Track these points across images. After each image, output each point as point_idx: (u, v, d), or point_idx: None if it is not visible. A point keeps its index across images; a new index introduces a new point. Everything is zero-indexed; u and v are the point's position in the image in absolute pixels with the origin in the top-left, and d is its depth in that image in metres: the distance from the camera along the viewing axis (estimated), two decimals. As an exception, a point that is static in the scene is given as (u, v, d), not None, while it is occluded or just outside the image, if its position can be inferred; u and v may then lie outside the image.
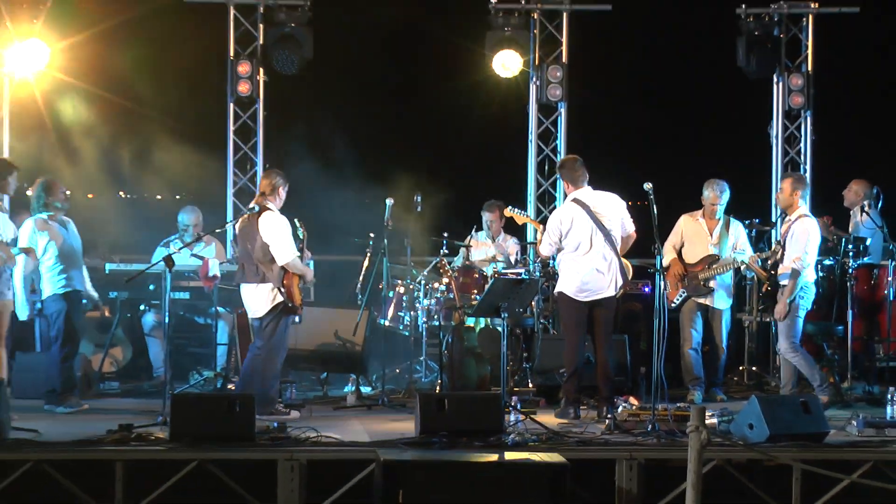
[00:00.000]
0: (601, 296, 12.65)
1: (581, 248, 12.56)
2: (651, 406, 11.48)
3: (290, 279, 12.31)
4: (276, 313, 12.33)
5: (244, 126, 17.12)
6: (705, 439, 8.70)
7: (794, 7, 17.22)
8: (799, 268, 12.65)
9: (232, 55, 16.97)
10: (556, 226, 12.62)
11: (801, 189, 13.02)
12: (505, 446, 10.62)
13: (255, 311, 12.42)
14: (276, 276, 12.23)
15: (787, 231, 12.87)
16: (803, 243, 12.68)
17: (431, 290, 14.17)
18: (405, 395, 13.67)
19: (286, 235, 12.35)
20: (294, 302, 12.35)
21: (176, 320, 14.23)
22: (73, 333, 12.80)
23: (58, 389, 12.62)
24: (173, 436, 10.53)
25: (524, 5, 17.15)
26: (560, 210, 12.85)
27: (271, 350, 12.35)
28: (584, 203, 12.62)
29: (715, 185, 13.99)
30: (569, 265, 12.64)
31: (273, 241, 12.23)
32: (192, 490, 10.30)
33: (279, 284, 12.23)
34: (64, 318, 12.65)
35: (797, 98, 17.20)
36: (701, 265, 13.89)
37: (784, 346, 12.76)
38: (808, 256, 12.73)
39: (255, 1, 16.95)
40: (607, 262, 12.62)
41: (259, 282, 12.28)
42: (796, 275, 12.64)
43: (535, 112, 17.42)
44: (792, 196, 12.99)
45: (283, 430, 10.97)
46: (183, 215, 15.17)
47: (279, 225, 12.31)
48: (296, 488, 10.20)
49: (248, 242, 12.37)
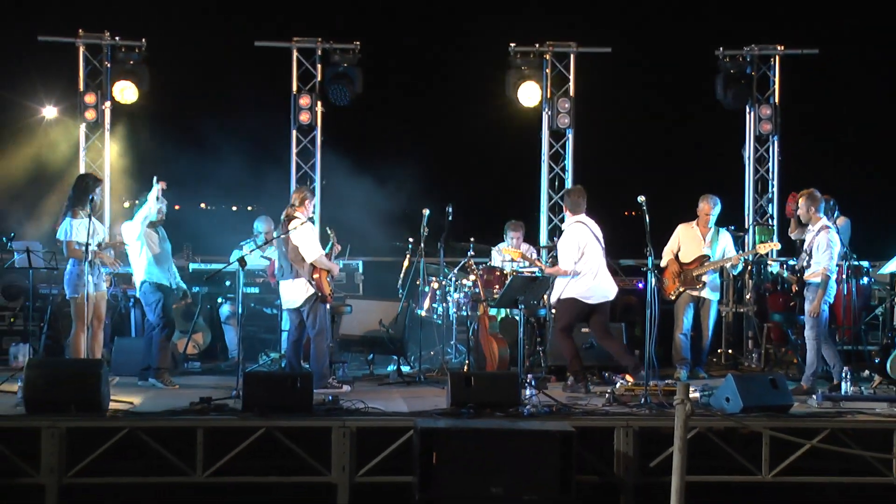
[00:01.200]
0: (607, 298, 12.73)
1: (592, 261, 12.57)
2: (644, 383, 11.44)
3: (319, 274, 12.41)
4: (312, 303, 12.43)
5: (305, 149, 17.11)
6: (689, 410, 8.65)
7: (763, 49, 17.17)
8: (826, 276, 12.41)
9: (295, 90, 16.97)
10: (576, 244, 12.58)
11: (815, 205, 12.65)
12: (521, 416, 10.60)
13: (293, 302, 12.51)
14: (307, 272, 12.36)
15: (812, 242, 12.64)
16: (828, 254, 12.44)
17: (460, 285, 14.16)
18: (438, 373, 13.61)
19: (312, 238, 12.50)
20: (324, 292, 12.43)
21: (248, 311, 14.27)
22: (170, 319, 12.81)
23: (154, 366, 12.63)
24: (245, 407, 10.53)
25: (538, 48, 17.16)
26: (573, 232, 12.69)
27: (318, 334, 12.45)
28: (586, 224, 12.73)
29: (709, 198, 14.04)
30: (581, 275, 12.59)
31: (301, 243, 12.37)
32: (261, 452, 10.32)
33: (310, 279, 12.34)
34: (161, 306, 12.67)
35: (766, 125, 17.15)
36: (695, 263, 13.87)
37: (809, 334, 12.55)
38: (832, 262, 12.49)
39: (313, 45, 16.98)
40: (606, 271, 12.72)
41: (294, 277, 12.42)
42: (826, 280, 12.41)
43: (547, 137, 17.36)
44: (808, 212, 12.76)
45: (336, 402, 10.95)
46: (258, 223, 15.21)
47: (305, 229, 12.47)
48: (347, 451, 10.18)
49: (283, 246, 12.51)
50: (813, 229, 12.68)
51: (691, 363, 13.80)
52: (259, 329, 15.04)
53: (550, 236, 17.11)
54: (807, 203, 12.73)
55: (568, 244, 12.68)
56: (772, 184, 17.26)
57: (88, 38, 16.51)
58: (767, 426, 10.18)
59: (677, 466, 8.66)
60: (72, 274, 12.24)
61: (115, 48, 16.50)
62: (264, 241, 14.62)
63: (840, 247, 12.63)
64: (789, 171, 17.37)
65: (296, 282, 12.42)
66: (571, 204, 12.87)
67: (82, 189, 12.35)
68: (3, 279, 15.28)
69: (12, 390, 10.91)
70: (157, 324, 12.68)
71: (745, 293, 15.74)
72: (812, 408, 11.29)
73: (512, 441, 9.82)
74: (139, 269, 12.68)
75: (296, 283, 12.43)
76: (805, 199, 12.75)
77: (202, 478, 10.09)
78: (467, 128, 20.36)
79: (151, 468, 10.22)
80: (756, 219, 17.14)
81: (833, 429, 10.53)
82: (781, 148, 17.28)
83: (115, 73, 16.46)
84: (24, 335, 14.46)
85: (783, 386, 11.02)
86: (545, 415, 10.71)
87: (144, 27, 16.84)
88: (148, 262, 12.61)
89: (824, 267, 12.33)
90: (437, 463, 9.63)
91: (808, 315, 12.46)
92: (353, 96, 16.85)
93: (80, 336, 12.07)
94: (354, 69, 16.86)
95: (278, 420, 10.30)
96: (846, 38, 19.46)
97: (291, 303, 12.54)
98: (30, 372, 10.45)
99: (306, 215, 12.60)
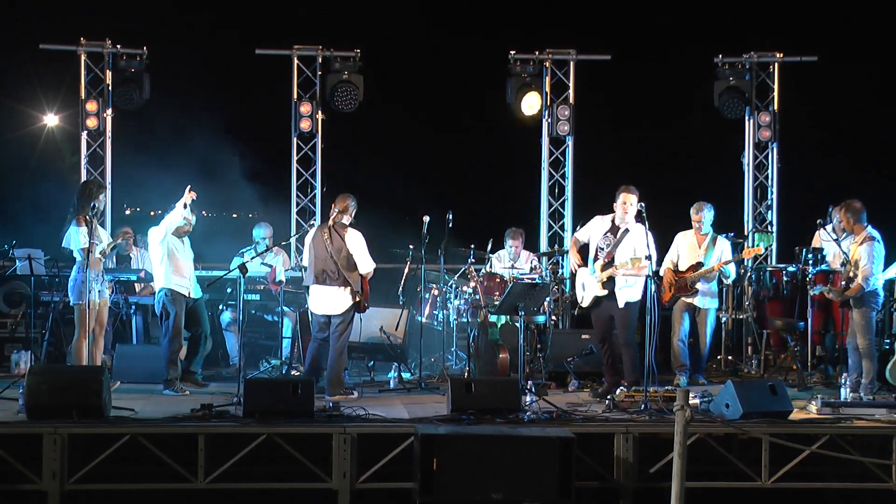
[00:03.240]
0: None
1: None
2: (644, 389, 11.44)
3: (365, 283, 12.58)
4: (350, 313, 12.54)
5: (305, 156, 17.12)
6: (689, 416, 8.67)
7: (762, 57, 17.20)
8: (865, 285, 12.35)
9: (295, 97, 16.99)
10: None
11: (855, 216, 12.54)
12: (522, 422, 10.60)
13: (335, 308, 12.52)
14: (355, 281, 12.46)
15: (856, 252, 12.59)
16: (870, 264, 12.38)
17: (461, 292, 14.18)
18: (439, 379, 13.61)
19: (366, 249, 12.59)
20: (367, 300, 12.64)
21: (248, 318, 14.30)
22: (179, 331, 12.79)
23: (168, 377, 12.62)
24: (246, 413, 10.54)
25: (537, 56, 17.20)
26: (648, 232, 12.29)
27: (343, 343, 12.54)
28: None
29: (698, 205, 13.98)
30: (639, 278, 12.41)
31: (357, 252, 12.48)
32: (262, 458, 10.34)
33: (358, 288, 12.47)
34: (174, 317, 12.64)
35: (765, 132, 17.18)
36: (689, 270, 13.85)
37: (862, 343, 12.52)
38: (875, 269, 12.43)
39: (314, 52, 17.01)
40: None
41: (341, 285, 12.45)
42: (865, 286, 12.36)
43: (547, 144, 17.37)
44: (851, 224, 12.67)
45: (337, 408, 10.96)
46: (257, 229, 15.22)
47: (361, 239, 12.58)
48: (348, 457, 10.18)
49: (331, 252, 12.48)
50: (857, 239, 12.60)
51: (691, 369, 13.79)
52: (260, 336, 15.06)
53: (551, 243, 17.14)
54: (847, 214, 12.62)
55: (651, 241, 12.11)
56: (771, 190, 17.27)
57: (90, 46, 16.53)
58: (767, 432, 10.19)
59: (677, 472, 8.67)
60: (76, 280, 12.27)
61: (117, 56, 16.52)
62: (265, 247, 14.62)
63: (881, 260, 12.52)
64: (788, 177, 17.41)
65: (342, 290, 12.47)
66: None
67: (85, 196, 12.38)
68: (5, 286, 15.30)
69: (14, 397, 10.91)
70: (165, 334, 12.67)
71: (745, 299, 15.77)
72: (811, 414, 11.29)
73: (512, 447, 9.82)
74: (159, 276, 12.68)
75: (342, 291, 12.48)
76: (846, 212, 12.63)
77: (203, 484, 10.10)
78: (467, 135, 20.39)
79: (153, 475, 10.26)
80: (755, 225, 17.15)
81: (832, 435, 10.54)
82: (780, 155, 17.30)
83: (117, 80, 16.49)
84: (26, 342, 14.46)
85: (782, 392, 11.02)
86: (545, 421, 10.72)
87: (146, 35, 16.88)
88: (167, 270, 12.60)
89: (865, 275, 12.26)
90: (437, 469, 9.64)
91: (856, 324, 12.42)
92: (356, 103, 16.87)
93: (83, 343, 12.09)
94: (356, 76, 16.89)
95: (279, 426, 10.30)
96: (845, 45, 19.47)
97: (331, 309, 12.54)
98: (31, 379, 10.46)
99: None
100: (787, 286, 14.51)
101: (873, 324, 12.58)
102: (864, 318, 12.44)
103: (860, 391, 12.27)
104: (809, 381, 13.75)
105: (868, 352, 12.40)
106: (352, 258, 12.45)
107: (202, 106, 19.33)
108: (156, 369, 12.83)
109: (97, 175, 16.40)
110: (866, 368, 12.41)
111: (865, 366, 12.41)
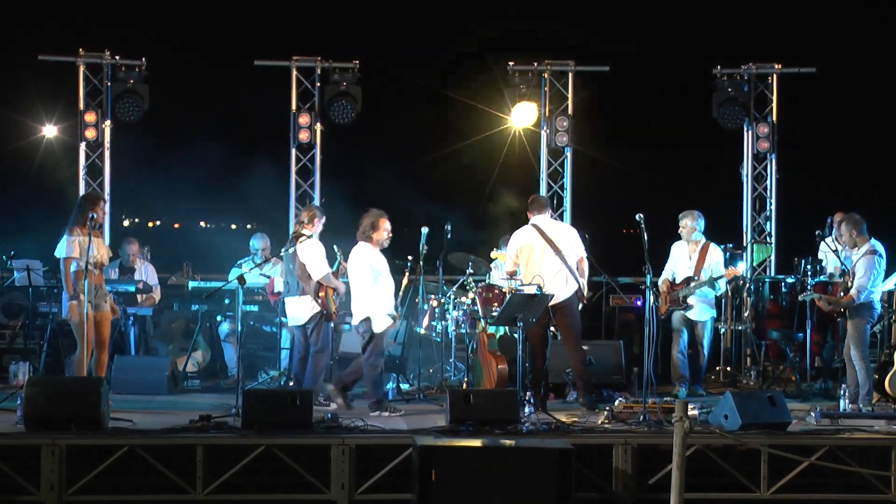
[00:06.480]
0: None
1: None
2: (643, 400, 11.44)
3: (325, 291, 12.48)
4: (317, 321, 12.49)
5: (304, 167, 17.14)
6: (688, 428, 8.66)
7: (761, 68, 17.21)
8: (857, 297, 12.34)
9: (294, 109, 17.01)
10: None
11: (857, 227, 12.52)
12: (520, 433, 10.61)
13: (299, 318, 12.57)
14: (312, 290, 12.43)
15: (855, 264, 12.58)
16: (865, 278, 12.40)
17: (459, 303, 14.17)
18: (437, 390, 13.62)
19: (320, 256, 12.53)
20: (328, 310, 12.51)
21: (247, 329, 14.28)
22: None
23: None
24: (245, 425, 10.52)
25: (536, 67, 17.20)
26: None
27: (319, 352, 12.54)
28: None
29: (685, 214, 13.98)
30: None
31: (309, 261, 12.45)
32: (261, 470, 10.33)
33: (315, 296, 12.41)
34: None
35: (764, 143, 17.18)
36: (682, 284, 13.86)
37: (855, 355, 12.52)
38: (871, 283, 12.42)
39: (313, 64, 17.03)
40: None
41: (300, 294, 12.50)
42: (857, 298, 12.37)
43: (546, 155, 17.38)
44: (852, 236, 12.64)
45: (336, 419, 10.95)
46: (254, 240, 15.22)
47: (314, 248, 12.53)
48: (346, 469, 10.17)
49: (290, 263, 12.63)
50: (859, 252, 12.58)
51: (689, 380, 13.80)
52: (258, 347, 15.03)
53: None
54: (848, 227, 12.59)
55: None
56: (769, 201, 17.27)
57: (89, 57, 16.55)
58: (766, 443, 10.19)
59: (676, 483, 8.66)
60: (64, 293, 12.18)
61: (116, 67, 16.53)
62: (262, 258, 14.64)
63: (881, 275, 12.52)
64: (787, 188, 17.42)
65: (302, 299, 12.49)
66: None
67: (83, 208, 12.35)
68: (3, 297, 15.29)
69: (12, 408, 10.90)
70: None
71: (744, 311, 15.77)
72: (810, 425, 11.29)
73: (511, 458, 9.80)
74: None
75: (302, 300, 12.49)
76: (846, 224, 12.61)
77: (202, 495, 10.08)
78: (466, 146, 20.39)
79: (151, 486, 10.23)
80: (754, 236, 17.16)
81: (831, 446, 10.53)
82: (779, 166, 17.32)
83: (116, 92, 16.50)
84: (25, 353, 14.46)
85: (781, 403, 11.00)
86: (544, 432, 10.71)
87: (145, 46, 16.89)
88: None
89: (860, 286, 12.26)
90: (436, 480, 9.62)
91: (850, 336, 12.43)
92: (354, 115, 16.88)
93: (83, 358, 11.94)
94: (355, 88, 16.89)
95: (278, 438, 10.29)
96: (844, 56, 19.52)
97: (297, 319, 12.58)
98: (30, 390, 10.45)
99: (315, 233, 12.65)
100: (786, 297, 14.52)
101: (867, 336, 12.58)
102: (858, 330, 12.45)
103: (859, 402, 12.28)
104: (808, 391, 13.75)
105: (861, 363, 12.41)
106: (305, 267, 12.46)
107: (201, 117, 19.37)
108: (154, 380, 12.82)
109: (95, 186, 16.41)
110: (861, 380, 12.42)
111: (860, 377, 12.42)
